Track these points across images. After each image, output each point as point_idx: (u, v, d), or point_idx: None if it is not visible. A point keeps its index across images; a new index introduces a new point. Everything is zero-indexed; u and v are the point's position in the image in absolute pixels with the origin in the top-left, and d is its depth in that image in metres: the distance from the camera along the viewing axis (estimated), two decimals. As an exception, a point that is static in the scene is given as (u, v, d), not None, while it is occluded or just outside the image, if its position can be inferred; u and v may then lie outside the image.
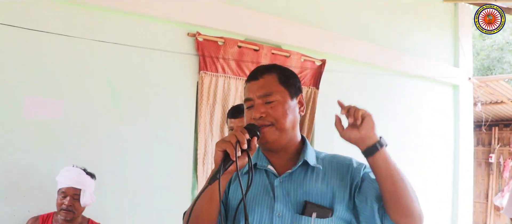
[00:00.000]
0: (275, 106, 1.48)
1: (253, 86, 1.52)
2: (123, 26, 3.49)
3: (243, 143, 1.31)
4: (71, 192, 2.76)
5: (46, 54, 3.18)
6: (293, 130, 1.53)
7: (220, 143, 1.33)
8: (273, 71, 1.54)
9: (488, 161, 9.35)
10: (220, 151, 1.32)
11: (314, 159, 1.56)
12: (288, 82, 1.54)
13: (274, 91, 1.49)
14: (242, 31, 4.02)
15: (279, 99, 1.49)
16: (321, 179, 1.50)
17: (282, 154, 1.54)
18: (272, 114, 1.47)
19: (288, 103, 1.51)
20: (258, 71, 1.55)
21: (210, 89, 3.82)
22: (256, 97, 1.49)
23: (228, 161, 1.31)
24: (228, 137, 1.33)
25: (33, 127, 3.10)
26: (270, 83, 1.51)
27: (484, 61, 15.36)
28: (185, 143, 3.77)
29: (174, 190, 3.70)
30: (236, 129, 1.35)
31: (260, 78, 1.52)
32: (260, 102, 1.48)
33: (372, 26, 5.18)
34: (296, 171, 1.51)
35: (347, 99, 4.90)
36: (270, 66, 1.59)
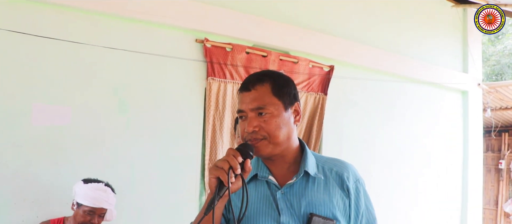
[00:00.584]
0: (268, 120, 1.43)
1: (245, 97, 1.46)
2: (131, 32, 3.50)
3: (236, 169, 1.29)
4: (99, 211, 2.75)
5: (53, 61, 3.19)
6: (288, 140, 1.49)
7: (213, 170, 1.30)
8: (266, 81, 1.47)
9: (498, 167, 9.27)
10: (214, 178, 1.29)
11: (315, 167, 1.52)
12: (282, 92, 1.47)
13: (267, 103, 1.44)
14: (250, 37, 4.03)
15: (272, 112, 1.44)
16: (323, 189, 1.48)
17: (280, 163, 1.52)
18: (265, 128, 1.42)
19: (282, 115, 1.46)
20: (250, 81, 1.48)
21: (219, 95, 3.83)
22: (249, 109, 1.44)
23: (222, 187, 1.29)
24: (221, 162, 1.30)
25: (40, 135, 3.11)
26: (263, 95, 1.45)
27: (495, 67, 15.25)
28: (193, 150, 3.77)
29: (182, 198, 3.70)
30: (228, 153, 1.32)
31: (252, 89, 1.46)
32: (252, 115, 1.44)
33: (381, 32, 5.16)
34: (297, 182, 1.48)
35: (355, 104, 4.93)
36: (263, 75, 1.51)
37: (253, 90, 1.46)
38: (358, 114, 4.91)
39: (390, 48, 5.18)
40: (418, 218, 5.45)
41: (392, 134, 5.25)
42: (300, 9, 4.47)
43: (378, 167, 4.98)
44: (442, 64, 5.84)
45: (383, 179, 5.04)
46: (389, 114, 5.20)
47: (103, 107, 3.38)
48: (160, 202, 3.58)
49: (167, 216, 3.60)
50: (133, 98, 3.51)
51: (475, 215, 6.16)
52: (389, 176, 5.13)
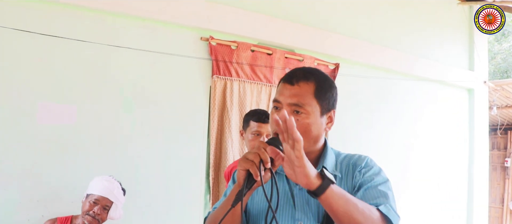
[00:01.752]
0: (301, 120, 1.38)
1: (286, 90, 1.40)
2: (137, 31, 3.50)
3: (266, 162, 1.23)
4: (104, 202, 2.77)
5: (60, 60, 3.20)
6: (314, 144, 1.45)
7: (242, 162, 1.25)
8: (312, 80, 1.41)
9: (504, 165, 9.23)
10: (243, 170, 1.25)
11: (333, 165, 1.49)
12: (324, 96, 1.42)
13: (306, 103, 1.38)
14: (255, 35, 4.02)
15: (308, 113, 1.38)
16: (339, 185, 1.42)
17: None
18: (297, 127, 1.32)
19: (317, 119, 1.41)
20: (296, 76, 1.42)
21: (226, 93, 3.82)
22: (286, 103, 1.39)
23: (251, 181, 1.25)
24: (251, 155, 1.24)
25: (47, 134, 3.12)
26: (304, 94, 1.39)
27: (501, 64, 15.19)
28: (198, 148, 3.77)
29: (187, 196, 3.70)
30: (259, 146, 1.26)
31: (296, 84, 1.40)
32: (288, 110, 1.38)
33: (386, 30, 5.15)
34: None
35: (361, 103, 4.91)
36: (310, 72, 1.44)
37: (296, 85, 1.40)
38: (364, 112, 4.90)
39: (395, 46, 5.17)
40: (424, 216, 5.44)
41: (398, 132, 5.23)
42: (305, 7, 4.46)
43: (384, 164, 4.95)
44: (448, 62, 5.82)
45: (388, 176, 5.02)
46: (395, 112, 5.19)
47: (109, 106, 3.38)
48: (165, 201, 3.58)
49: (172, 215, 3.61)
50: (139, 97, 3.51)
51: (481, 213, 6.15)
52: (395, 173, 5.10)
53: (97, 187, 2.78)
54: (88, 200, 2.77)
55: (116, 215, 2.83)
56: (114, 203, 2.81)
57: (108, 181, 2.82)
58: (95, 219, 2.75)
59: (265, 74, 4.06)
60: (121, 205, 2.87)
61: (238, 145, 3.83)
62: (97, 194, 2.76)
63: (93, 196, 2.77)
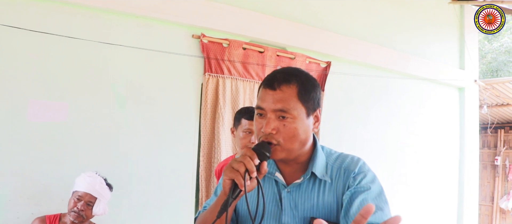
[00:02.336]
0: (288, 125, 1.33)
1: (269, 96, 1.35)
2: (128, 28, 3.49)
3: (252, 172, 1.22)
4: (86, 198, 2.79)
5: (51, 57, 3.18)
6: (303, 146, 1.40)
7: (228, 172, 1.24)
8: (294, 82, 1.35)
9: (494, 164, 9.30)
10: (228, 180, 1.24)
11: (323, 168, 1.43)
12: (308, 97, 1.36)
13: (291, 108, 1.33)
14: (247, 33, 4.02)
15: (294, 117, 1.34)
16: (328, 191, 1.40)
17: (291, 164, 1.44)
18: (283, 133, 1.33)
19: (303, 121, 1.36)
20: (277, 80, 1.35)
21: (218, 90, 3.81)
22: (270, 110, 1.34)
23: (237, 190, 1.24)
24: (236, 164, 1.23)
25: (37, 131, 3.10)
26: (288, 98, 1.33)
27: (491, 64, 15.30)
28: (189, 145, 3.76)
29: (180, 192, 3.69)
30: (245, 154, 1.25)
31: (278, 89, 1.34)
32: (273, 116, 1.33)
33: (378, 28, 5.16)
34: (304, 183, 1.41)
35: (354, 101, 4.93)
36: (291, 74, 1.38)
37: (278, 90, 1.34)
38: (356, 110, 4.91)
39: (387, 44, 5.18)
40: (415, 213, 5.46)
41: (390, 130, 5.25)
42: (297, 5, 4.46)
43: (376, 163, 4.97)
44: (439, 60, 5.85)
45: (380, 174, 5.02)
46: (387, 110, 5.21)
47: (101, 103, 3.37)
48: (157, 197, 3.57)
49: (164, 211, 3.60)
50: (131, 94, 3.49)
51: (471, 211, 6.18)
52: (386, 171, 5.13)
53: (80, 184, 2.81)
54: (73, 197, 2.80)
55: (100, 210, 2.83)
56: (98, 198, 2.81)
57: (90, 177, 2.84)
58: (79, 215, 2.75)
59: (258, 72, 4.06)
60: (105, 201, 2.87)
61: (231, 143, 3.83)
62: (80, 190, 2.79)
63: (77, 193, 2.80)
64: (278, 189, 1.45)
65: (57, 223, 2.84)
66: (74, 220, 2.77)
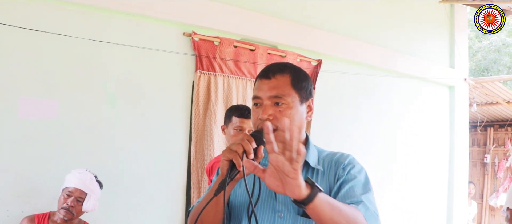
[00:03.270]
0: (283, 110, 1.43)
1: (264, 85, 1.47)
2: (119, 26, 3.48)
3: (249, 153, 1.28)
4: (77, 194, 2.79)
5: (41, 54, 3.16)
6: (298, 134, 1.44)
7: (226, 152, 1.30)
8: (287, 72, 1.48)
9: (483, 162, 9.36)
10: (226, 160, 1.29)
11: (316, 159, 1.54)
12: (301, 85, 1.48)
13: (285, 94, 1.44)
14: (238, 31, 4.02)
15: (288, 103, 1.44)
16: (321, 179, 1.49)
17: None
18: (279, 118, 1.41)
19: (297, 108, 1.46)
20: (271, 70, 1.49)
21: (210, 88, 3.81)
22: (266, 97, 1.44)
23: (235, 171, 1.29)
24: (235, 146, 1.29)
25: (27, 129, 3.08)
26: (282, 85, 1.45)
27: (481, 62, 15.41)
28: (180, 143, 3.76)
29: (170, 189, 3.70)
30: (243, 138, 1.31)
31: (273, 78, 1.46)
32: (269, 103, 1.44)
33: (368, 26, 5.18)
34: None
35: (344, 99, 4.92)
36: (284, 65, 1.52)
37: (273, 79, 1.46)
38: (346, 107, 4.93)
39: (378, 43, 5.20)
40: (405, 210, 5.49)
41: (380, 128, 5.28)
42: (288, 3, 4.47)
43: (365, 160, 4.99)
44: (430, 59, 5.88)
45: (370, 172, 5.04)
46: (376, 108, 5.23)
47: (92, 101, 3.35)
48: (147, 195, 3.57)
49: (154, 209, 3.59)
50: (122, 92, 3.49)
51: (460, 208, 6.23)
52: (377, 169, 5.16)
53: (70, 180, 2.81)
54: (63, 194, 2.80)
55: (90, 206, 2.83)
56: (88, 194, 2.81)
57: (81, 173, 2.84)
58: (69, 211, 2.75)
59: (249, 69, 4.07)
60: (95, 197, 2.87)
61: (224, 140, 3.83)
62: (71, 186, 2.80)
63: (67, 189, 2.80)
64: None
65: (47, 221, 2.83)
66: (64, 217, 2.76)
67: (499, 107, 8.28)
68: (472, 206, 7.59)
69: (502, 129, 9.32)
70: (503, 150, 9.13)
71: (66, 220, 2.78)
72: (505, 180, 8.95)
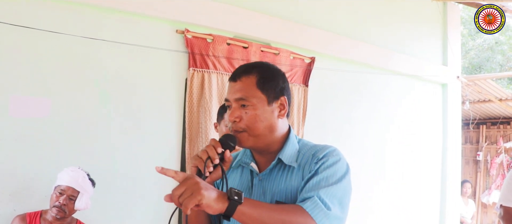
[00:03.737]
0: (248, 112, 1.46)
1: (231, 87, 1.50)
2: (111, 23, 3.46)
3: (214, 159, 1.33)
4: (69, 192, 2.77)
5: (33, 52, 3.14)
6: (271, 133, 1.50)
7: (193, 159, 1.36)
8: (253, 73, 1.49)
9: (476, 159, 9.42)
10: (194, 167, 1.35)
11: (293, 155, 1.51)
12: (267, 86, 1.49)
13: (250, 96, 1.46)
14: (231, 28, 4.01)
15: (254, 105, 1.46)
16: (295, 176, 1.48)
17: (264, 153, 1.54)
18: (245, 120, 1.46)
19: (264, 109, 1.47)
20: (237, 73, 1.51)
21: (204, 85, 3.80)
22: (233, 100, 1.48)
23: (202, 177, 1.33)
24: (201, 152, 1.35)
25: (20, 127, 3.06)
26: (247, 87, 1.47)
27: (474, 60, 15.48)
28: (174, 140, 3.75)
29: (163, 188, 3.67)
30: (209, 144, 1.37)
31: (238, 80, 1.49)
32: (235, 105, 1.47)
33: (361, 24, 5.19)
34: (274, 170, 1.51)
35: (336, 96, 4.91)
36: (251, 67, 1.53)
37: (238, 81, 1.49)
38: (340, 105, 4.94)
39: (370, 41, 5.21)
40: (398, 207, 5.51)
41: (373, 126, 5.29)
42: (281, 1, 4.46)
43: (359, 158, 5.02)
44: (422, 57, 5.90)
45: (363, 169, 5.08)
46: (370, 106, 5.24)
47: (84, 99, 3.34)
48: (140, 193, 3.56)
49: (147, 206, 3.59)
50: (114, 90, 3.47)
51: (453, 205, 6.26)
52: (370, 166, 5.17)
53: (63, 178, 2.79)
54: (55, 192, 2.79)
55: (82, 205, 2.82)
56: (80, 193, 2.80)
57: (73, 171, 2.82)
58: (61, 209, 2.74)
59: (241, 67, 4.05)
60: (88, 195, 2.86)
61: (217, 137, 3.82)
62: (63, 184, 2.78)
63: (60, 187, 2.78)
64: (251, 177, 1.56)
65: (38, 220, 2.82)
66: (56, 215, 2.75)
67: (492, 105, 8.32)
68: (470, 205, 7.59)
69: (495, 126, 9.38)
70: (496, 148, 9.19)
71: (59, 218, 2.77)
72: (497, 177, 9.01)
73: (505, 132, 9.23)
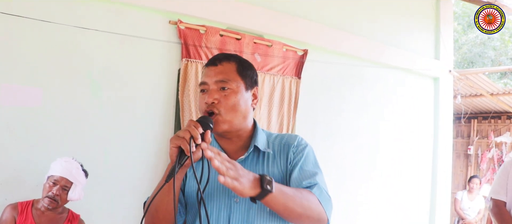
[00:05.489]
0: (228, 95, 1.51)
1: (211, 71, 1.55)
2: (104, 13, 3.45)
3: (196, 138, 1.32)
4: (62, 182, 2.77)
5: (25, 41, 3.13)
6: (244, 120, 1.56)
7: (174, 139, 1.33)
8: (233, 60, 1.58)
9: (467, 153, 9.49)
10: (175, 147, 1.33)
11: (265, 143, 1.61)
12: (246, 73, 1.58)
13: (231, 79, 1.53)
14: (224, 19, 4.01)
15: (234, 88, 1.52)
16: (271, 163, 1.57)
17: (234, 141, 1.59)
18: (224, 103, 1.50)
19: (242, 93, 1.55)
20: (218, 58, 1.58)
21: (198, 76, 3.80)
22: (212, 82, 1.52)
23: (183, 157, 1.33)
24: (182, 132, 1.33)
25: (11, 117, 3.06)
26: (228, 71, 1.54)
27: (466, 55, 15.54)
28: (166, 131, 3.76)
29: (155, 178, 3.69)
30: (189, 124, 1.36)
31: (219, 65, 1.55)
32: (215, 88, 1.51)
33: (354, 17, 5.19)
34: (249, 157, 1.57)
35: (328, 89, 4.92)
36: (230, 54, 1.61)
37: (219, 65, 1.55)
38: (332, 98, 4.95)
39: (363, 34, 5.22)
40: (389, 200, 5.55)
41: (364, 118, 5.31)
42: (275, -7, 4.46)
43: (350, 150, 5.05)
44: (415, 50, 5.91)
45: (354, 162, 5.11)
46: (362, 99, 5.26)
47: (76, 88, 3.33)
48: (132, 184, 3.57)
49: (138, 198, 3.59)
50: (107, 80, 3.47)
51: (444, 199, 6.30)
52: (361, 159, 5.20)
53: (56, 168, 2.79)
54: (48, 182, 2.78)
55: (75, 196, 2.82)
56: (74, 183, 2.80)
57: (67, 161, 2.82)
58: (54, 200, 2.74)
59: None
60: (81, 186, 2.86)
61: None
62: (56, 174, 2.77)
63: (53, 177, 2.78)
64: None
65: (30, 209, 2.82)
66: (48, 205, 2.75)
67: (483, 99, 8.38)
68: (476, 201, 7.59)
69: (486, 121, 9.45)
70: (486, 142, 9.26)
71: (51, 208, 2.77)
72: (487, 171, 9.09)
73: (496, 126, 9.31)
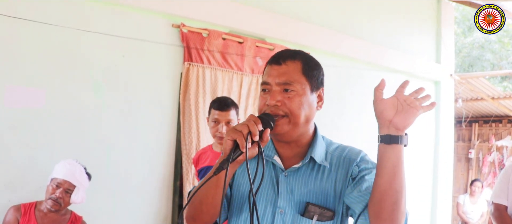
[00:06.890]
0: (293, 97, 1.37)
1: (274, 71, 1.40)
2: (108, 16, 3.46)
3: (254, 135, 1.24)
4: (66, 185, 2.77)
5: (29, 43, 3.14)
6: (306, 124, 1.43)
7: (231, 132, 1.25)
8: (298, 59, 1.42)
9: (468, 157, 9.48)
10: (230, 140, 1.24)
11: (323, 154, 1.47)
12: (312, 73, 1.43)
13: (295, 81, 1.38)
14: (227, 23, 4.03)
15: (298, 90, 1.38)
16: (326, 178, 1.43)
17: (292, 146, 1.46)
18: (288, 105, 1.36)
19: (307, 96, 1.40)
20: (282, 56, 1.42)
21: (199, 80, 3.82)
22: (275, 83, 1.38)
23: (238, 151, 1.24)
24: (240, 126, 1.25)
25: (15, 118, 3.07)
26: (293, 72, 1.39)
27: (466, 58, 15.55)
28: (168, 133, 3.77)
29: (157, 180, 3.70)
30: (249, 119, 1.27)
31: (283, 64, 1.40)
32: (278, 89, 1.37)
33: (356, 21, 5.21)
34: (302, 167, 1.43)
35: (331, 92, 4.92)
36: (296, 52, 1.45)
37: (283, 65, 1.40)
38: (332, 100, 4.96)
39: (365, 37, 5.24)
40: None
41: (365, 122, 5.31)
42: (277, -4, 4.48)
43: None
44: (416, 54, 5.93)
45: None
46: (363, 102, 5.26)
47: (79, 91, 3.34)
48: (134, 185, 3.57)
49: (141, 199, 3.60)
50: (109, 82, 3.48)
51: (445, 202, 6.31)
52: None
53: (60, 171, 2.79)
54: (51, 184, 2.79)
55: (78, 198, 2.83)
56: (77, 186, 2.81)
57: (70, 164, 2.82)
58: (57, 202, 2.74)
59: (236, 62, 4.07)
60: (84, 189, 2.86)
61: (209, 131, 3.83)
62: (60, 177, 2.77)
63: (56, 179, 2.78)
64: (275, 173, 1.45)
65: (33, 210, 2.82)
66: (51, 207, 2.75)
67: (484, 103, 8.38)
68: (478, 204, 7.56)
69: (487, 124, 9.44)
70: (487, 146, 9.25)
71: (53, 210, 2.78)
72: (488, 175, 9.07)
73: (497, 130, 9.30)
